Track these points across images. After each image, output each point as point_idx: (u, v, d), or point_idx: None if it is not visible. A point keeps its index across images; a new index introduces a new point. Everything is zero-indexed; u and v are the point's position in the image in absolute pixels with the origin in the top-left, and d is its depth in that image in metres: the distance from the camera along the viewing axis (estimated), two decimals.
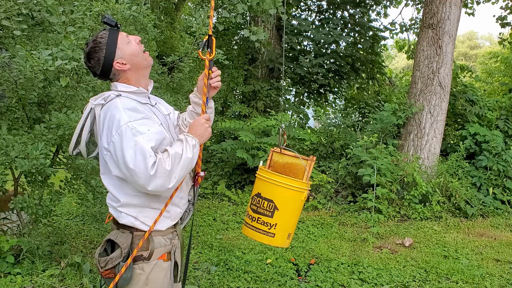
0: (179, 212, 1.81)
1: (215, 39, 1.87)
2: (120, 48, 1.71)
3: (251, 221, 2.26)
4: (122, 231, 1.72)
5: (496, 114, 7.58)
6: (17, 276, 3.31)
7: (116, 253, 1.67)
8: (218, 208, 5.88)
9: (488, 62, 14.37)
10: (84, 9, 3.29)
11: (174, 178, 1.58)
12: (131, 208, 1.69)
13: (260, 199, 2.23)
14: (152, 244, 1.73)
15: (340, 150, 7.14)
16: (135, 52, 1.75)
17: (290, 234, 2.31)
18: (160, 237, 1.75)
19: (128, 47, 1.73)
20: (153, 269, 1.73)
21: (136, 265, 1.71)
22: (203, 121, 1.77)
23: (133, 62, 1.75)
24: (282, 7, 5.63)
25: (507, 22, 9.43)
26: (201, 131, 1.75)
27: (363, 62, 9.10)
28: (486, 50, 21.77)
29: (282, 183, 2.21)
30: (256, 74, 8.36)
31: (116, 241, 1.69)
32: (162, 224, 1.74)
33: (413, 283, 3.75)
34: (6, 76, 3.12)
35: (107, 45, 1.69)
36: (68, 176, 3.85)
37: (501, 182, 6.36)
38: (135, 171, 1.54)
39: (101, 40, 1.70)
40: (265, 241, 2.23)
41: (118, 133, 1.57)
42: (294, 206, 2.25)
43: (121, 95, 1.71)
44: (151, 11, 5.08)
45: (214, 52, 1.86)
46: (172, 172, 1.57)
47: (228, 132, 7.25)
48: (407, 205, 5.79)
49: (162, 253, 1.75)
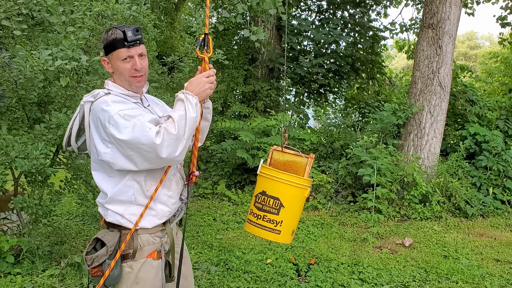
0: (167, 211, 1.79)
1: (211, 38, 1.86)
2: (114, 55, 1.70)
3: (256, 219, 2.28)
4: (111, 230, 1.73)
5: (496, 114, 7.58)
6: (17, 276, 3.31)
7: (102, 251, 1.68)
8: (218, 208, 5.88)
9: (488, 62, 14.38)
10: (84, 9, 3.29)
11: (184, 139, 1.59)
12: (117, 206, 1.70)
13: (265, 197, 2.26)
14: (138, 242, 1.73)
15: (340, 150, 7.14)
16: (122, 71, 1.71)
17: (294, 231, 2.35)
18: (148, 235, 1.75)
19: (120, 64, 1.70)
20: (142, 267, 1.73)
21: (125, 263, 1.72)
22: (203, 79, 1.73)
23: (117, 71, 1.73)
24: (282, 7, 5.63)
25: (507, 22, 9.43)
26: (199, 89, 1.71)
27: (363, 62, 9.10)
28: (486, 50, 21.77)
29: (288, 180, 2.24)
30: (256, 74, 8.36)
31: (103, 239, 1.70)
32: (147, 221, 1.73)
33: (413, 283, 3.75)
34: (6, 76, 3.12)
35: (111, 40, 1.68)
36: (68, 176, 3.85)
37: (501, 182, 6.36)
38: (142, 148, 1.55)
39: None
40: (271, 238, 2.27)
41: (111, 123, 1.58)
42: (298, 203, 2.29)
43: (110, 93, 1.72)
44: (151, 11, 5.08)
45: (212, 51, 1.85)
46: (179, 135, 1.58)
47: (228, 132, 7.24)
48: (407, 205, 5.79)
49: (151, 251, 1.75)
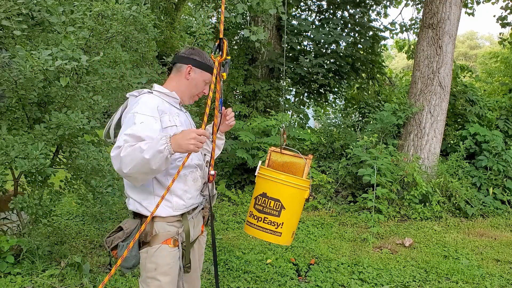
0: (182, 204, 1.88)
1: (226, 42, 1.89)
2: (203, 74, 1.97)
3: (256, 221, 2.24)
4: (133, 219, 1.88)
5: (496, 114, 7.58)
6: (17, 276, 3.31)
7: (118, 234, 1.83)
8: (218, 208, 5.88)
9: (488, 62, 14.38)
10: (84, 9, 3.29)
11: (126, 167, 1.62)
12: (137, 195, 1.84)
13: (266, 199, 2.22)
14: (154, 229, 1.84)
15: (340, 150, 7.13)
16: (197, 88, 1.98)
17: (294, 232, 2.33)
18: (164, 223, 1.85)
19: (201, 83, 1.99)
20: (158, 252, 1.82)
21: (142, 249, 1.84)
22: (192, 134, 1.61)
23: (193, 84, 1.96)
24: (282, 7, 5.62)
25: (507, 22, 9.43)
26: (180, 142, 1.61)
27: (363, 62, 9.10)
28: (486, 50, 21.78)
29: (289, 181, 2.21)
30: (256, 74, 8.36)
31: (122, 226, 1.85)
32: (162, 211, 1.83)
33: (413, 283, 3.75)
34: (6, 76, 3.12)
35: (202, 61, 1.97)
36: (68, 176, 3.85)
37: (501, 182, 6.36)
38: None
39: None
40: (272, 240, 2.23)
41: (127, 117, 1.79)
42: (299, 204, 2.28)
43: (153, 92, 1.88)
44: (151, 11, 5.07)
45: (225, 55, 1.88)
46: (123, 160, 1.62)
47: (228, 132, 7.24)
48: (407, 205, 5.79)
49: (166, 238, 1.84)
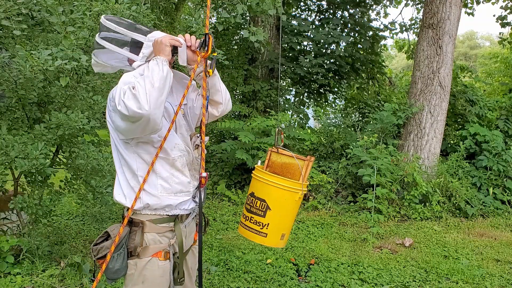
0: (168, 187, 1.76)
1: (211, 37, 1.83)
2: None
3: (245, 220, 2.24)
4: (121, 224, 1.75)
5: (496, 114, 7.58)
6: (17, 276, 3.30)
7: (107, 243, 1.70)
8: (218, 208, 5.88)
9: (488, 62, 14.38)
10: (84, 9, 3.29)
11: (143, 99, 1.55)
12: (123, 181, 1.75)
13: (253, 199, 2.21)
14: (144, 240, 1.73)
15: (340, 150, 7.13)
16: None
17: (285, 235, 2.26)
18: (155, 234, 1.75)
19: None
20: (147, 266, 1.72)
21: (131, 260, 1.72)
22: (164, 40, 1.81)
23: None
24: (282, 8, 5.62)
25: (507, 22, 9.43)
26: (158, 48, 1.80)
27: (363, 62, 9.09)
28: (486, 50, 21.78)
29: (275, 182, 2.17)
30: (256, 74, 8.35)
31: (110, 232, 1.72)
32: (149, 199, 1.72)
33: (413, 283, 3.75)
34: (6, 76, 3.12)
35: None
36: (68, 176, 3.85)
37: (501, 182, 6.36)
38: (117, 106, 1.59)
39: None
40: (257, 240, 2.21)
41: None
42: (288, 206, 2.21)
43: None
44: (151, 11, 5.08)
45: (210, 50, 1.81)
46: (139, 92, 1.56)
47: (228, 132, 7.24)
48: (407, 205, 5.78)
49: (157, 251, 1.73)
